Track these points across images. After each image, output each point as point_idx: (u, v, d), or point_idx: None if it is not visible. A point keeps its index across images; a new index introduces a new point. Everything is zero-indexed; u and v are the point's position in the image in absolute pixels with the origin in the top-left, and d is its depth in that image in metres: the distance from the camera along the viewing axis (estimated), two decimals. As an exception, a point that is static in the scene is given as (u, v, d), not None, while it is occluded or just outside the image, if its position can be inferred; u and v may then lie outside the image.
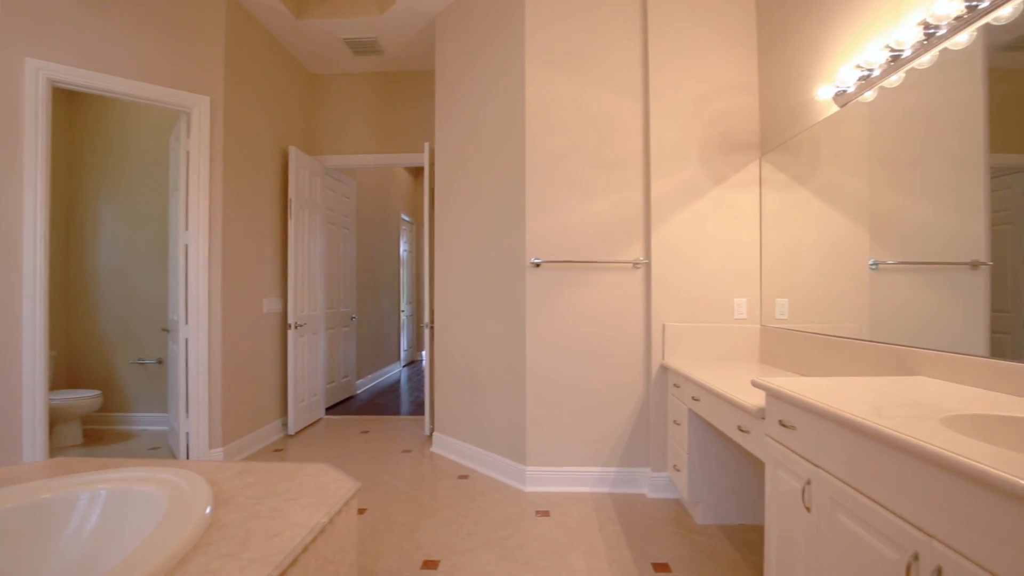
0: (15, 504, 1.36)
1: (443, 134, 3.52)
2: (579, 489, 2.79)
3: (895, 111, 1.72)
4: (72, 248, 4.20)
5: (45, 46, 2.66)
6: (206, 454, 3.11)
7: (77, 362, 4.16)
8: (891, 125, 1.74)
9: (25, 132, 2.61)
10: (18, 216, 2.60)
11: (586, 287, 2.81)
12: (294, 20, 3.64)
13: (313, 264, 4.28)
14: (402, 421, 4.36)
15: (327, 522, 1.29)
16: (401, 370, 7.23)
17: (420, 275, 8.56)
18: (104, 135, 4.23)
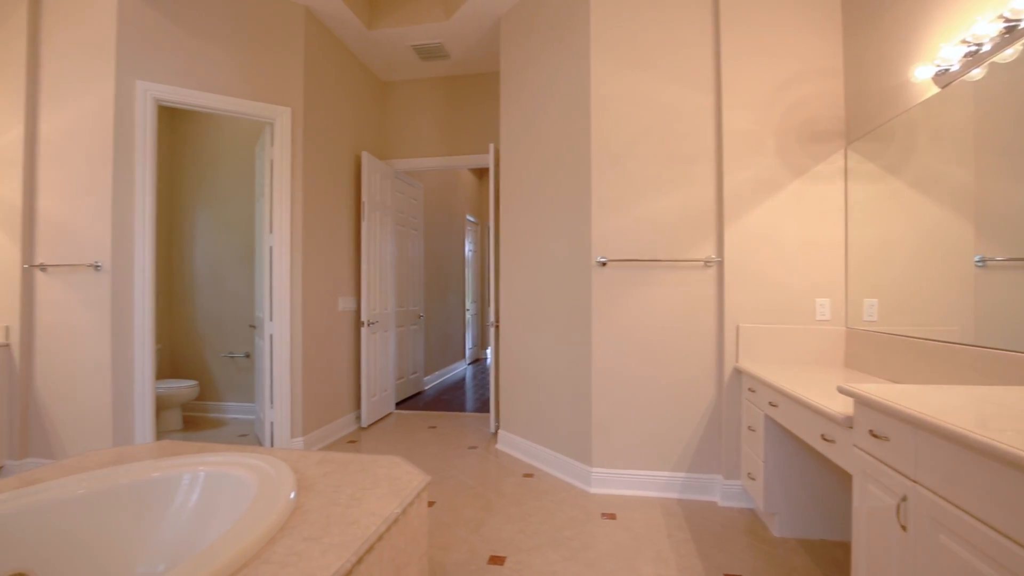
0: (131, 480, 1.52)
1: (507, 134, 3.55)
2: (646, 493, 2.73)
3: (1009, 89, 1.54)
4: (173, 251, 4.62)
5: (152, 68, 2.95)
6: (288, 443, 3.32)
7: (177, 355, 4.59)
8: (1003, 105, 1.56)
9: (136, 147, 2.91)
10: (130, 223, 2.90)
11: (654, 286, 2.74)
12: (366, 31, 3.80)
13: (384, 264, 4.46)
14: (468, 418, 4.45)
15: (400, 513, 1.35)
16: (466, 368, 7.38)
17: (485, 274, 8.70)
18: (199, 147, 4.63)
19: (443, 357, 6.50)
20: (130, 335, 2.88)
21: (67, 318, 2.90)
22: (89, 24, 2.90)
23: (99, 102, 2.87)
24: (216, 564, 1.02)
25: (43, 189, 2.95)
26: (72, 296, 2.89)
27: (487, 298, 8.76)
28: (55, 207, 2.93)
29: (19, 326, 2.92)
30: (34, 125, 2.96)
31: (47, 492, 1.45)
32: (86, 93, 2.89)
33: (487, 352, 8.69)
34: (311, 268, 3.51)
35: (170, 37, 3.00)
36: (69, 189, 2.91)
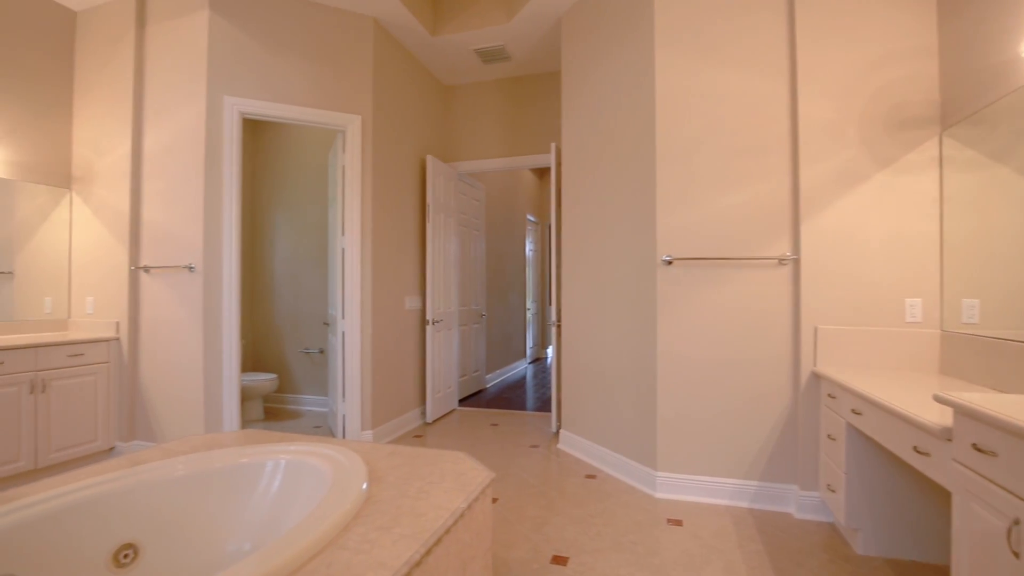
0: (223, 465, 1.65)
1: (569, 133, 3.53)
2: (714, 501, 2.63)
3: None
4: (255, 253, 4.97)
5: (237, 84, 3.18)
6: (358, 435, 3.48)
7: (259, 350, 4.92)
8: None
9: (223, 158, 3.15)
10: (219, 228, 3.14)
11: (723, 285, 2.63)
12: (430, 38, 3.91)
13: (448, 264, 4.57)
14: (528, 416, 4.47)
15: (466, 507, 1.38)
16: (527, 367, 7.41)
17: (545, 274, 8.70)
18: (277, 155, 4.94)
19: (504, 356, 6.56)
20: (219, 331, 3.13)
21: (166, 315, 3.19)
22: (184, 48, 3.17)
23: (193, 118, 3.13)
24: (297, 547, 1.09)
25: (147, 199, 3.26)
26: (170, 295, 3.18)
27: (547, 297, 8.75)
28: (156, 214, 3.23)
29: (127, 322, 3.25)
30: (139, 142, 3.29)
31: (152, 472, 1.60)
32: (182, 111, 3.17)
33: (547, 351, 8.69)
34: (380, 269, 3.66)
35: (252, 54, 3.22)
36: (168, 198, 3.20)
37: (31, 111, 3.27)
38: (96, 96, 3.40)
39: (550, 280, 8.76)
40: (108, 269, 3.32)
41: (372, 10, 3.51)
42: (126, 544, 1.50)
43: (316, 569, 1.06)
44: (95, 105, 3.40)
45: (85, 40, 3.46)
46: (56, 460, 2.95)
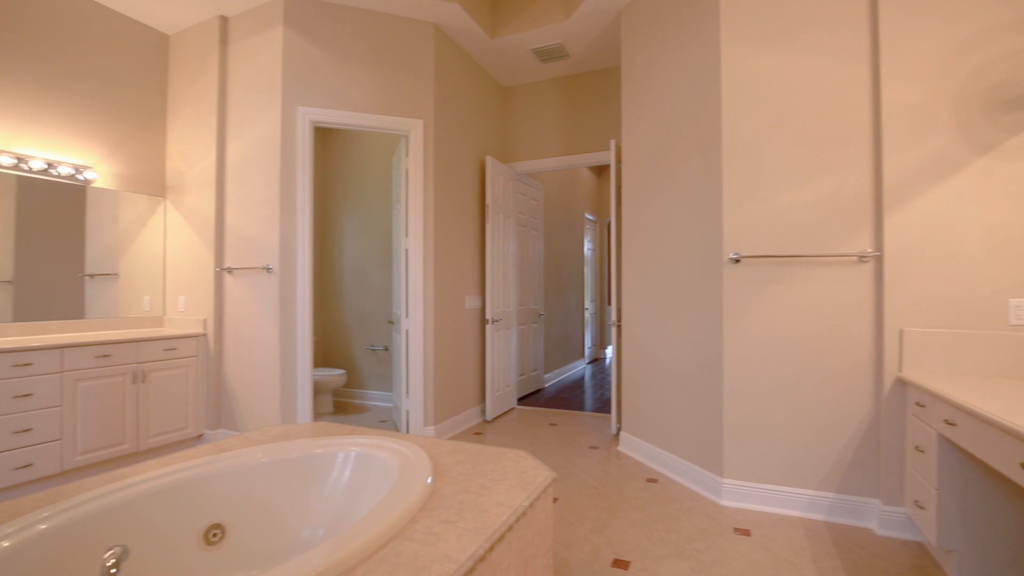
0: (299, 454, 1.75)
1: (630, 129, 3.47)
2: (785, 511, 2.49)
3: None
4: (325, 255, 5.23)
5: (308, 94, 3.36)
6: (421, 430, 3.58)
7: (329, 346, 5.18)
8: None
9: (297, 165, 3.34)
10: (293, 231, 3.33)
11: (795, 284, 2.50)
12: (489, 40, 3.96)
13: (507, 264, 4.61)
14: (587, 417, 4.43)
15: (528, 506, 1.39)
16: (585, 367, 7.35)
17: (604, 273, 8.58)
18: (344, 161, 5.18)
19: (562, 355, 6.54)
20: (293, 328, 3.32)
21: (246, 313, 3.42)
22: (261, 62, 3.39)
23: (269, 129, 3.34)
24: (368, 536, 1.14)
25: (229, 205, 3.51)
26: (250, 294, 3.41)
27: (607, 297, 8.63)
28: (238, 219, 3.47)
29: (213, 319, 3.52)
30: (223, 152, 3.55)
31: (237, 459, 1.72)
32: (260, 122, 3.39)
33: (606, 352, 8.57)
34: (441, 269, 3.75)
35: (322, 65, 3.39)
36: (248, 204, 3.43)
37: (133, 127, 3.61)
38: (186, 111, 3.71)
39: (609, 279, 8.64)
40: (197, 270, 3.61)
41: (434, 17, 3.60)
42: (215, 524, 1.63)
43: (385, 558, 1.11)
44: (185, 119, 3.71)
45: (176, 61, 3.78)
46: (153, 444, 3.25)
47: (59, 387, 2.79)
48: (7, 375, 2.59)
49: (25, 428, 2.65)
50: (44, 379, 2.73)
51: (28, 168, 3.10)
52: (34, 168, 3.12)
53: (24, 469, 2.65)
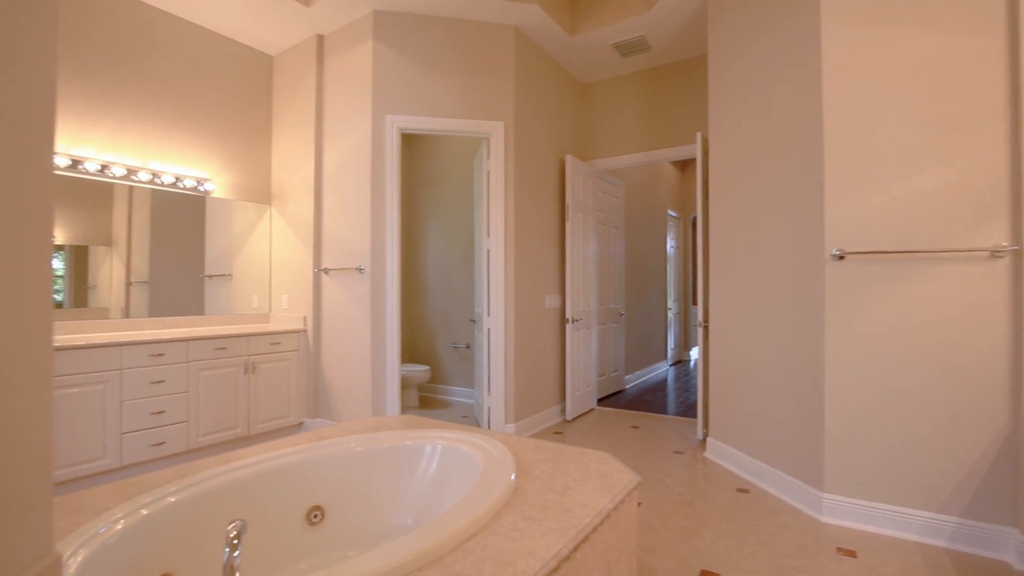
0: (390, 445, 1.85)
1: (718, 120, 3.30)
2: (897, 534, 2.26)
3: None
4: (410, 256, 5.46)
5: (395, 102, 3.52)
6: (502, 427, 3.64)
7: (414, 343, 5.40)
8: None
9: (386, 171, 3.51)
10: (383, 233, 3.51)
11: (910, 283, 2.25)
12: (568, 38, 3.94)
13: (587, 263, 4.56)
14: (670, 421, 4.28)
15: (612, 508, 1.37)
16: (668, 369, 7.10)
17: (688, 271, 8.24)
18: (427, 165, 5.38)
19: (644, 356, 6.36)
20: (383, 325, 3.51)
21: (341, 311, 3.66)
22: (353, 75, 3.61)
23: (360, 137, 3.55)
24: (456, 528, 1.18)
25: (326, 210, 3.78)
26: (344, 294, 3.64)
27: (692, 296, 8.28)
28: (333, 223, 3.72)
29: (312, 316, 3.80)
30: (320, 161, 3.82)
31: (335, 447, 1.85)
32: (352, 131, 3.61)
33: (691, 354, 8.22)
34: (522, 268, 3.79)
35: (407, 74, 3.55)
36: (342, 209, 3.67)
37: (243, 142, 3.99)
38: (287, 125, 4.03)
39: (695, 278, 8.28)
40: (297, 271, 3.91)
41: (513, 19, 3.64)
42: (315, 506, 1.76)
43: (472, 550, 1.14)
44: (287, 132, 4.03)
45: (279, 78, 4.12)
46: (261, 430, 3.56)
47: (185, 375, 3.15)
48: (146, 363, 2.96)
49: (159, 410, 3.02)
50: (174, 368, 3.09)
51: (160, 182, 3.52)
52: (165, 182, 3.53)
53: (159, 446, 3.01)
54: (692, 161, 7.90)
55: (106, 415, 2.80)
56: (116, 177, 3.31)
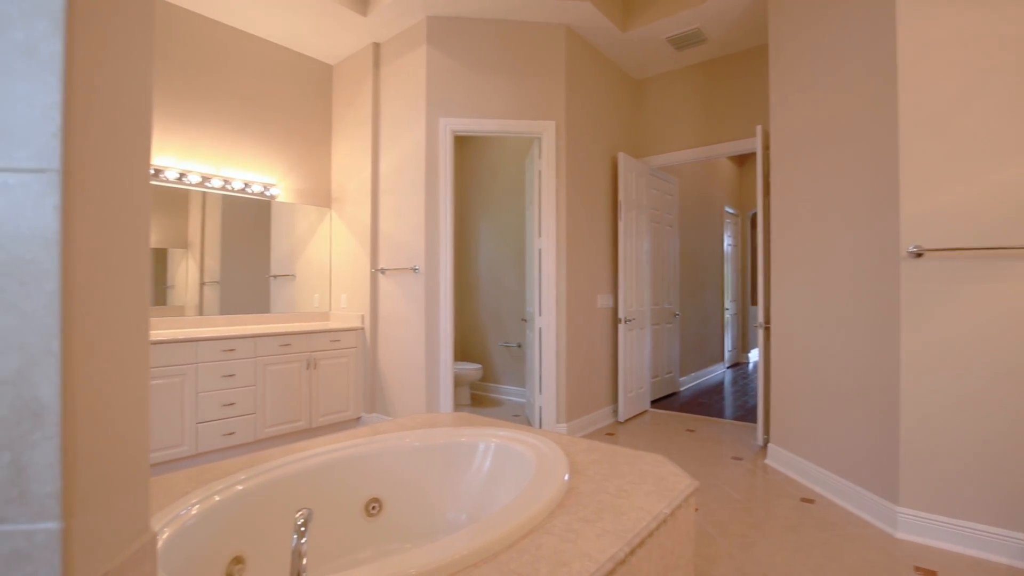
0: (445, 442, 1.88)
1: (779, 111, 3.15)
2: (985, 555, 2.08)
3: None
4: (462, 255, 5.55)
5: (448, 106, 3.59)
6: (553, 426, 3.63)
7: (466, 342, 5.48)
8: None
9: (439, 173, 3.58)
10: (436, 234, 3.59)
11: (997, 282, 2.06)
12: (620, 34, 3.87)
13: (640, 262, 4.48)
14: (728, 425, 4.13)
15: (669, 513, 1.34)
16: (725, 371, 6.85)
17: (746, 270, 7.92)
18: (478, 166, 5.44)
19: (699, 358, 6.17)
20: (437, 324, 3.58)
21: (396, 310, 3.77)
22: (408, 80, 3.70)
23: (415, 141, 3.64)
24: (510, 526, 1.19)
25: (382, 212, 3.90)
26: (399, 293, 3.74)
27: (750, 296, 7.95)
28: (389, 225, 3.84)
29: (369, 314, 3.93)
30: (377, 165, 3.95)
31: (392, 442, 1.91)
32: (407, 135, 3.70)
33: (749, 356, 7.90)
34: (574, 268, 3.77)
35: (460, 76, 3.60)
36: (397, 211, 3.77)
37: (306, 148, 4.18)
38: (346, 130, 4.19)
39: (754, 277, 7.95)
40: (356, 271, 4.06)
41: (565, 18, 3.62)
42: (374, 498, 1.82)
43: (527, 549, 1.15)
44: (346, 137, 4.19)
45: (338, 86, 4.29)
46: (321, 423, 3.72)
47: (253, 370, 3.34)
48: (218, 358, 3.16)
49: (230, 402, 3.21)
50: (243, 362, 3.28)
51: (231, 188, 3.74)
52: (235, 188, 3.76)
53: (229, 436, 3.21)
54: (751, 156, 7.58)
55: (183, 405, 3.02)
56: (192, 184, 3.56)
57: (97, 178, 0.45)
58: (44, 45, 0.41)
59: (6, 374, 0.40)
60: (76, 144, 0.42)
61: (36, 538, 0.40)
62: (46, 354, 0.40)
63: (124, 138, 0.50)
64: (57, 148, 0.41)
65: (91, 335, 0.44)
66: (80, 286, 0.43)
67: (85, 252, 0.44)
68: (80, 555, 0.42)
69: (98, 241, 0.45)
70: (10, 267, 0.40)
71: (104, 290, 0.46)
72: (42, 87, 0.41)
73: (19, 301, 0.40)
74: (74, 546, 0.41)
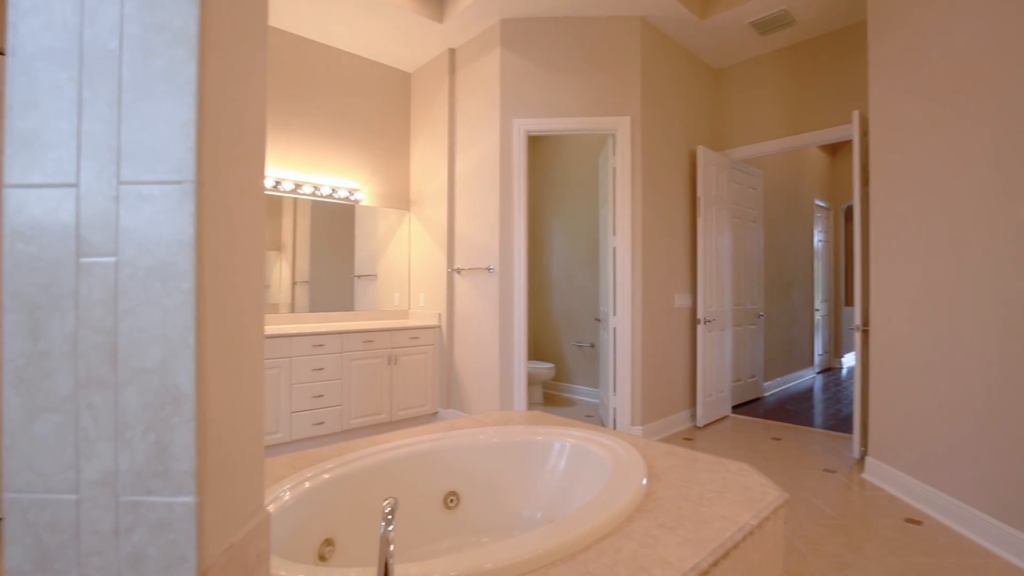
0: (521, 439, 1.90)
1: (881, 94, 2.88)
2: None
3: None
4: (535, 255, 5.57)
5: (521, 106, 3.61)
6: (628, 429, 3.56)
7: (538, 341, 5.50)
8: None
9: (513, 174, 3.62)
10: (510, 234, 3.63)
11: None
12: (699, 22, 3.71)
13: (720, 260, 4.28)
14: (818, 435, 3.84)
15: (756, 525, 1.27)
16: (815, 377, 6.38)
17: (839, 268, 7.32)
18: (551, 165, 5.43)
19: (786, 362, 5.79)
20: (510, 322, 3.62)
21: (471, 309, 3.85)
22: (482, 83, 3.77)
23: (489, 142, 3.70)
24: (588, 527, 1.18)
25: (458, 213, 4.00)
26: (474, 292, 3.82)
27: (844, 296, 7.35)
28: (465, 226, 3.93)
29: (445, 313, 4.05)
30: (453, 167, 4.05)
31: (469, 437, 1.95)
32: (482, 137, 3.77)
33: (843, 360, 7.30)
34: (650, 266, 3.67)
35: (532, 77, 3.62)
36: (472, 211, 3.86)
37: (386, 153, 4.38)
38: (424, 135, 4.34)
39: (849, 275, 7.34)
40: (433, 271, 4.20)
41: (639, 10, 3.53)
42: (451, 491, 1.87)
43: (605, 551, 1.13)
44: (423, 142, 4.34)
45: (416, 93, 4.46)
46: (401, 417, 3.89)
47: (340, 364, 3.54)
48: (308, 352, 3.39)
49: (319, 394, 3.44)
50: (330, 357, 3.50)
51: (319, 194, 4.00)
52: (323, 193, 4.01)
53: (318, 425, 3.43)
54: (844, 144, 7.01)
55: (279, 396, 3.26)
56: (286, 191, 3.84)
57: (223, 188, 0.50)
58: (182, 70, 0.46)
59: (152, 364, 0.45)
60: (206, 157, 0.47)
61: (176, 510, 0.45)
62: (183, 346, 0.45)
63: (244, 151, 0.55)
64: (192, 161, 0.46)
65: (218, 329, 0.49)
66: (209, 285, 0.48)
67: (212, 255, 0.49)
68: (210, 528, 0.47)
69: (223, 245, 0.51)
70: (155, 269, 0.45)
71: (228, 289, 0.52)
72: (179, 107, 0.46)
73: (162, 299, 0.46)
74: (206, 519, 0.46)
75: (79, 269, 0.45)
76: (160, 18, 0.45)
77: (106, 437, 0.46)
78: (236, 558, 0.51)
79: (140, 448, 0.46)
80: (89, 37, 0.45)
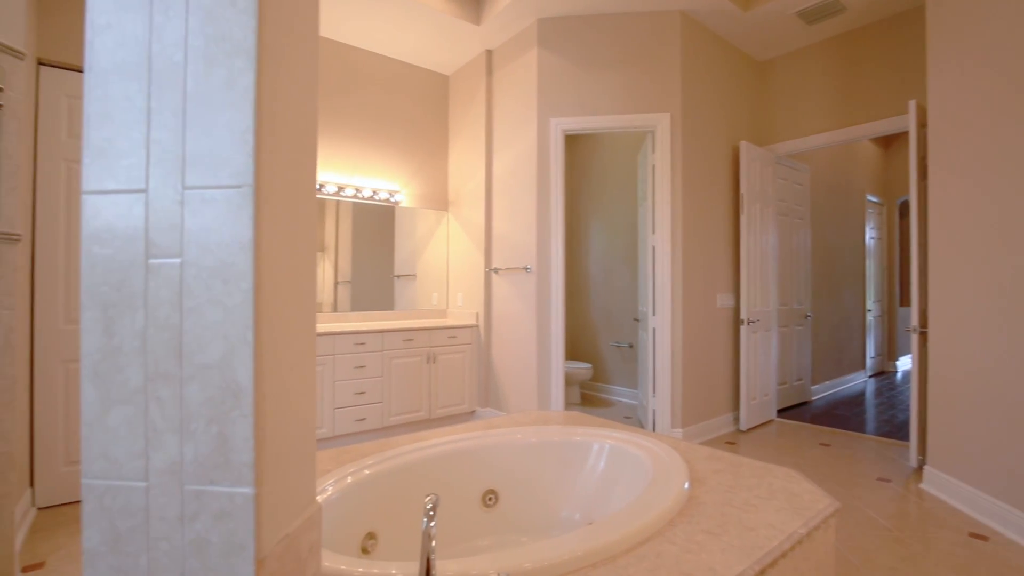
0: (559, 439, 1.90)
1: (941, 81, 2.73)
2: None
3: None
4: (572, 254, 5.54)
5: (558, 105, 3.60)
6: (668, 431, 3.49)
7: (576, 341, 5.47)
8: None
9: (550, 173, 3.61)
10: (548, 234, 3.62)
11: None
12: (741, 14, 3.60)
13: (765, 259, 4.14)
14: (871, 442, 3.67)
15: (805, 534, 1.22)
16: (866, 381, 6.09)
17: (893, 267, 6.96)
18: (588, 163, 5.38)
19: (835, 365, 5.55)
20: (548, 323, 3.62)
21: (509, 308, 3.87)
22: (519, 84, 3.78)
23: (526, 142, 3.70)
24: (629, 529, 1.17)
25: (496, 214, 4.02)
26: (512, 292, 3.84)
27: (899, 296, 6.98)
28: (502, 226, 3.95)
29: (483, 312, 4.08)
30: (490, 168, 4.08)
31: (507, 436, 1.96)
32: (519, 137, 3.78)
33: (898, 364, 6.94)
34: (690, 265, 3.59)
35: (569, 76, 3.60)
36: (510, 212, 3.87)
37: (425, 155, 4.45)
38: (462, 136, 4.38)
39: (905, 274, 6.97)
40: (471, 271, 4.23)
41: (679, 4, 3.45)
42: (490, 489, 1.89)
43: (646, 555, 1.12)
44: (461, 143, 4.39)
45: (454, 95, 4.50)
46: (440, 415, 3.94)
47: (380, 362, 3.62)
48: (351, 350, 3.48)
49: (361, 391, 3.52)
50: (372, 355, 3.58)
51: (361, 196, 4.10)
52: (364, 195, 4.11)
53: (360, 421, 3.52)
54: (898, 137, 6.66)
55: (323, 392, 3.36)
56: (329, 194, 3.95)
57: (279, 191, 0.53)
58: (241, 79, 0.48)
59: (214, 360, 0.48)
60: (263, 163, 0.49)
61: (236, 500, 0.47)
62: (243, 343, 0.48)
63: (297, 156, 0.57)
64: (250, 166, 0.48)
65: (274, 327, 0.51)
66: (265, 285, 0.50)
67: (269, 256, 0.51)
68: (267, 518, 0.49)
69: (278, 246, 0.53)
70: (217, 269, 0.48)
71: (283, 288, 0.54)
72: (239, 115, 0.48)
73: (223, 298, 0.48)
74: (263, 509, 0.48)
75: (148, 270, 0.48)
76: (221, 30, 0.47)
77: (172, 428, 0.48)
78: (291, 548, 0.53)
79: (203, 440, 0.48)
80: (157, 50, 0.48)
